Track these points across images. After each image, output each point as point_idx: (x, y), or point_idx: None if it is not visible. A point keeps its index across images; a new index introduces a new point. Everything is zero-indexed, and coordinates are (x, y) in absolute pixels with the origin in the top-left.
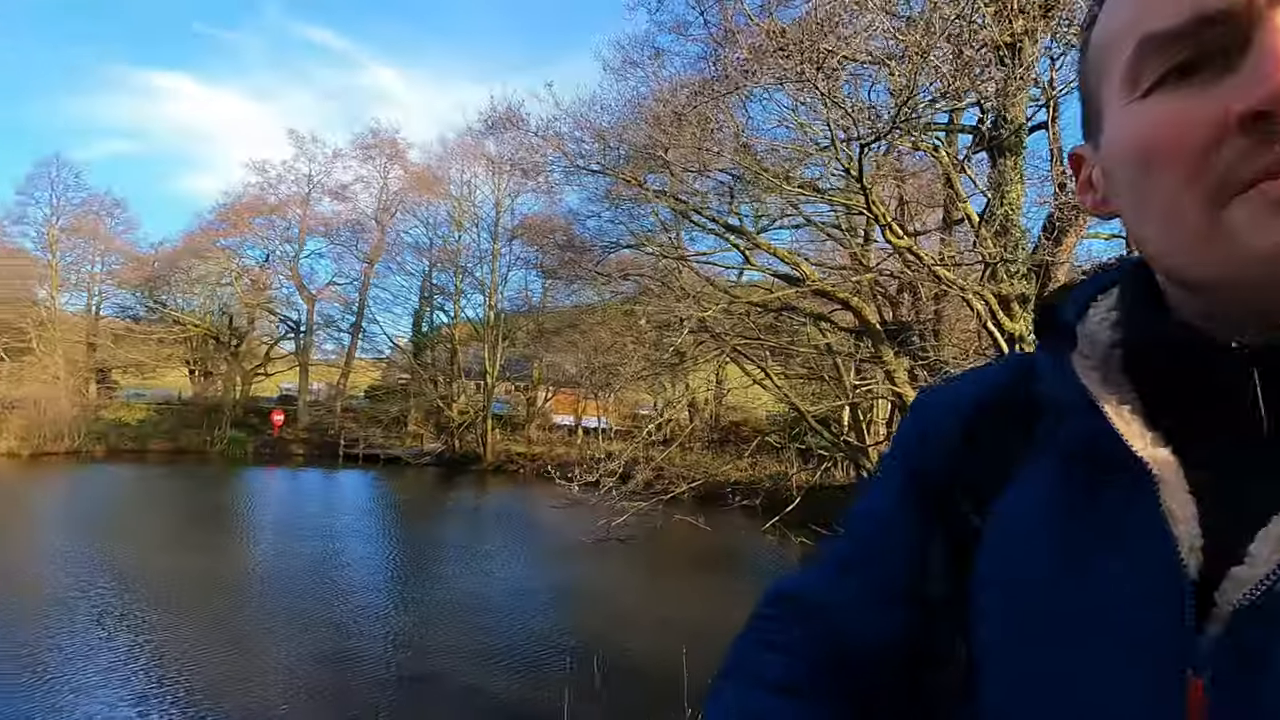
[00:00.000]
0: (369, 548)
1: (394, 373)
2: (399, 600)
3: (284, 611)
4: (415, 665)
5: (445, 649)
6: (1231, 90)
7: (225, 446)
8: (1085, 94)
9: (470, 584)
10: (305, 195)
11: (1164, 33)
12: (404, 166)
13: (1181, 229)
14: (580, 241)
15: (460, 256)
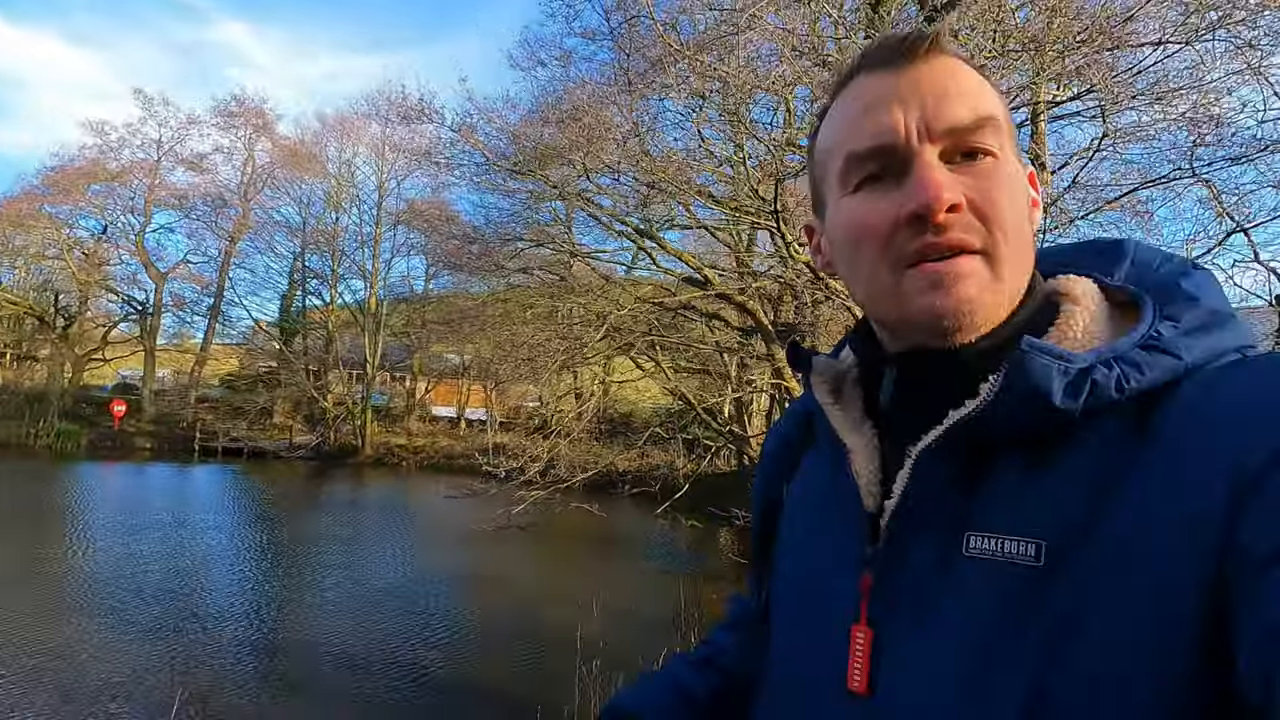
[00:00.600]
0: (231, 544)
1: (254, 360)
2: (267, 598)
3: (122, 617)
4: (286, 665)
5: (320, 644)
6: (901, 197)
7: (54, 440)
8: (813, 184)
9: (354, 577)
10: (155, 163)
11: (859, 152)
12: (273, 139)
13: (878, 287)
14: (478, 234)
15: (338, 239)
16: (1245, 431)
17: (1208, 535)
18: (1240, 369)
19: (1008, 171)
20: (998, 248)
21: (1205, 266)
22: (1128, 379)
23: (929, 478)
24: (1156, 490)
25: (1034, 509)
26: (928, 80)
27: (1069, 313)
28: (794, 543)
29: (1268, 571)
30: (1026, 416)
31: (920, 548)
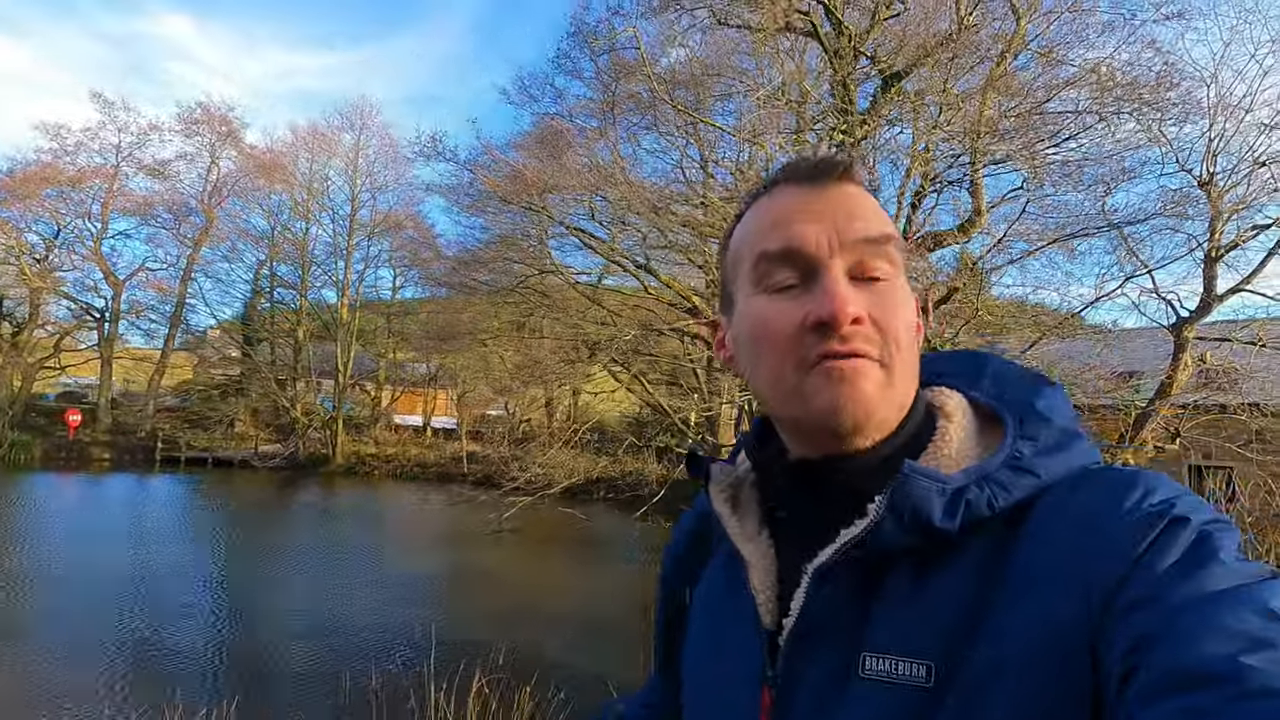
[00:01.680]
0: (205, 554)
1: (215, 369)
2: (258, 609)
3: (107, 624)
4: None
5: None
6: (808, 304)
7: (7, 450)
8: (723, 282)
9: (349, 583)
10: (114, 168)
11: (771, 253)
12: (239, 148)
13: (781, 385)
14: (472, 256)
15: (308, 248)
16: (1084, 545)
17: (1070, 641)
18: (1084, 488)
19: (901, 294)
20: (893, 358)
21: (1055, 383)
22: (996, 498)
23: (824, 597)
24: (1022, 602)
25: (922, 630)
26: (839, 200)
27: (944, 429)
28: (696, 655)
29: (1123, 698)
30: (910, 535)
31: (818, 667)
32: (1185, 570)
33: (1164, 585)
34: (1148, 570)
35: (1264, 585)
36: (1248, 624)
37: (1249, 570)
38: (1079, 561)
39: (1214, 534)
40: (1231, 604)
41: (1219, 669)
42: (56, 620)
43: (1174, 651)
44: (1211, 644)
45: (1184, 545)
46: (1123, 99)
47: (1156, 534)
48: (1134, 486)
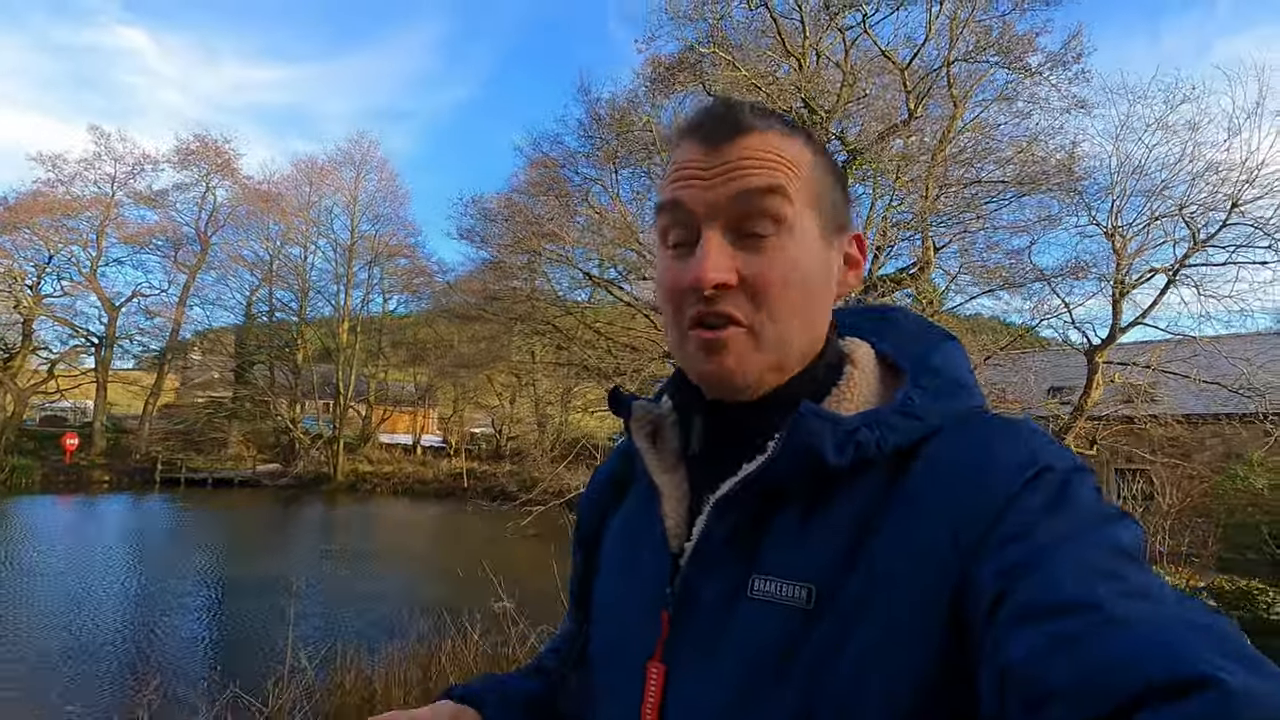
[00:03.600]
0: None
1: (190, 392)
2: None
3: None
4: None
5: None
6: (689, 267)
7: (8, 475)
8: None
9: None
10: (110, 198)
11: (660, 208)
12: (235, 178)
13: (673, 342)
14: (494, 291)
15: (307, 274)
16: (962, 484)
17: (941, 568)
18: (962, 431)
19: (787, 249)
20: (763, 325)
21: (954, 338)
22: (885, 440)
23: (723, 524)
24: (901, 532)
25: (808, 555)
26: (729, 155)
27: (849, 375)
28: (608, 578)
29: (994, 619)
30: (804, 470)
31: (711, 588)
32: (1052, 510)
33: (1034, 523)
34: (1020, 510)
35: (1116, 524)
36: (1102, 559)
37: (1105, 511)
38: (955, 499)
39: (1075, 479)
40: (1089, 542)
41: (1081, 598)
42: (102, 638)
43: (1043, 582)
44: (1074, 576)
45: (1051, 488)
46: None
47: (1028, 478)
48: (1009, 434)
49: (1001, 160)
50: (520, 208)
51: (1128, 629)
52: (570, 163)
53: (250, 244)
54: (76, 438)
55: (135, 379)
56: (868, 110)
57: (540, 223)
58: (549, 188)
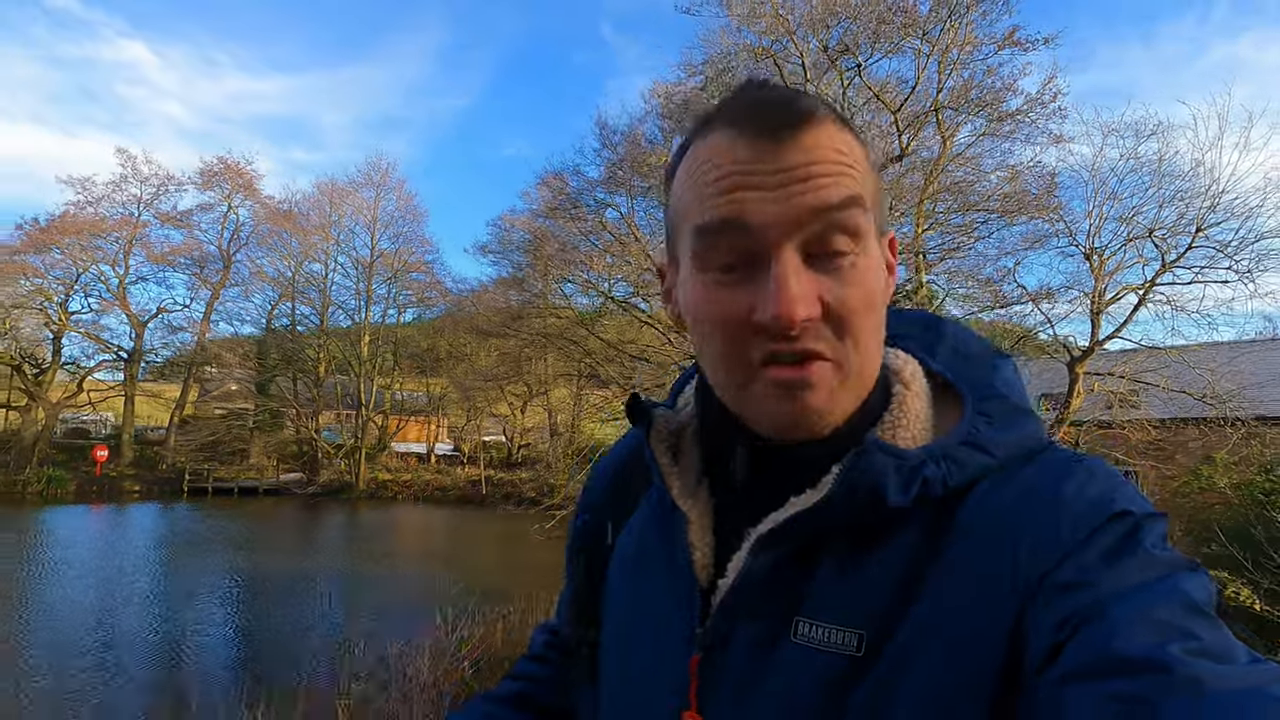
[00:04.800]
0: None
1: (209, 404)
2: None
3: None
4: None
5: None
6: (755, 298)
7: (44, 486)
8: (669, 224)
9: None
10: (136, 218)
11: (710, 227)
12: (256, 198)
13: (726, 377)
14: (517, 310)
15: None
16: (1025, 526)
17: (998, 614)
18: (1028, 468)
19: (867, 269)
20: (849, 357)
21: (1009, 356)
22: (950, 476)
23: (765, 562)
24: (960, 575)
25: (858, 600)
26: (797, 160)
27: (901, 398)
28: (623, 603)
29: (1050, 673)
30: (862, 510)
31: (750, 630)
32: (1117, 559)
33: (1096, 572)
34: (1082, 557)
35: (1185, 576)
36: (1172, 615)
37: (1173, 561)
38: (1015, 543)
39: (1144, 525)
40: (1158, 594)
41: (1149, 656)
42: (181, 639)
43: (1104, 636)
44: (1141, 632)
45: (1118, 535)
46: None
47: (1098, 523)
48: (1075, 473)
49: (984, 195)
50: (544, 231)
51: (1200, 697)
52: (588, 190)
53: (273, 261)
54: (106, 449)
55: (159, 391)
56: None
57: (570, 250)
58: (567, 212)
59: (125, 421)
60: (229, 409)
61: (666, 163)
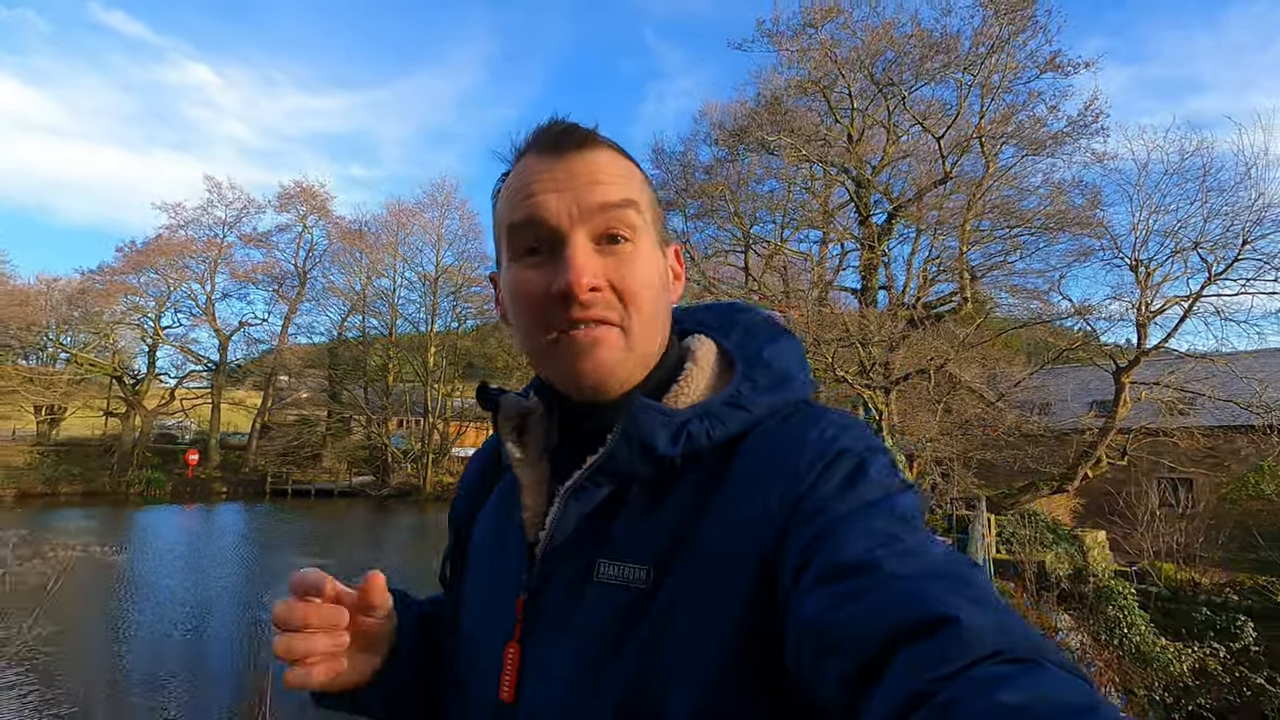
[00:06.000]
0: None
1: (282, 411)
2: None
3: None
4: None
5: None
6: (552, 273)
7: (144, 487)
8: (495, 240)
9: None
10: (221, 239)
11: (517, 224)
12: (330, 219)
13: (534, 348)
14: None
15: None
16: (775, 471)
17: (755, 548)
18: (785, 422)
19: (643, 256)
20: (631, 322)
21: (790, 333)
22: (713, 430)
23: (571, 513)
24: (727, 514)
25: (647, 539)
26: (580, 169)
27: (689, 372)
28: (475, 563)
29: (795, 588)
30: (640, 461)
31: (562, 574)
32: (846, 487)
33: (829, 500)
34: (819, 488)
35: (898, 496)
36: (886, 524)
37: (888, 484)
38: (769, 484)
39: (869, 458)
40: (875, 512)
41: (862, 560)
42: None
43: (832, 550)
44: (859, 542)
45: (846, 468)
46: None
47: (828, 460)
48: (817, 422)
49: (1028, 214)
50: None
51: (897, 582)
52: None
53: (345, 276)
54: (197, 453)
55: (241, 399)
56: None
57: None
58: None
59: (212, 427)
60: (303, 416)
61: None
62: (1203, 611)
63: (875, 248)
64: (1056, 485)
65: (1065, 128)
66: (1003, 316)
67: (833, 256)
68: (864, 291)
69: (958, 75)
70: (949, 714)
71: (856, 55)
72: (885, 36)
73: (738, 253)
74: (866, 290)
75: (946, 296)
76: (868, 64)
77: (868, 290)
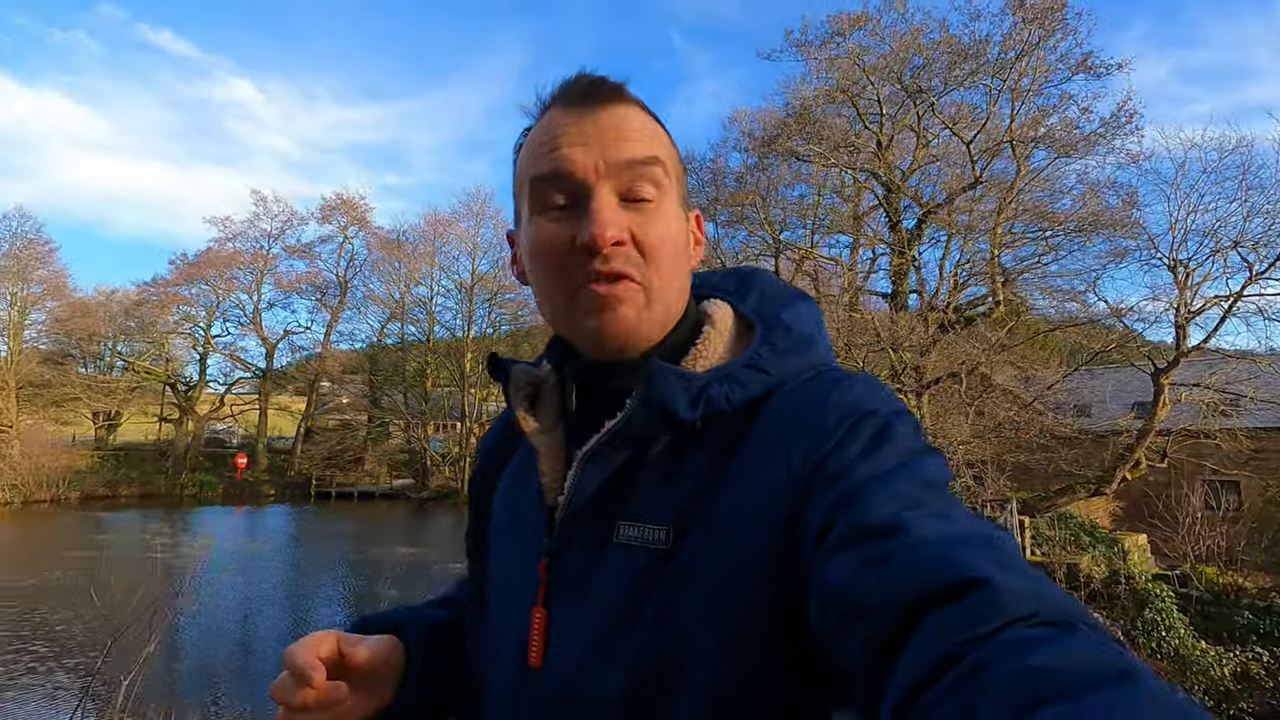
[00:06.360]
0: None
1: (324, 416)
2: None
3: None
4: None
5: None
6: (576, 227)
7: (197, 489)
8: (515, 197)
9: None
10: (267, 251)
11: (542, 176)
12: (369, 230)
13: (556, 302)
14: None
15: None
16: (797, 432)
17: (776, 510)
18: (805, 385)
19: (667, 214)
20: (652, 280)
21: (809, 298)
22: (732, 393)
23: (590, 477)
24: (748, 476)
25: (667, 501)
26: (608, 123)
27: (707, 335)
28: (497, 533)
29: (819, 551)
30: (660, 424)
31: (583, 537)
32: (871, 450)
33: (854, 462)
34: (842, 451)
35: (923, 460)
36: (910, 488)
37: (914, 448)
38: (793, 443)
39: (893, 421)
40: (900, 475)
41: (889, 523)
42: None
43: (857, 512)
44: (885, 505)
45: (872, 430)
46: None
47: (852, 422)
48: (841, 384)
49: (1061, 216)
50: None
51: (925, 546)
52: None
53: (384, 285)
54: (245, 457)
55: (286, 405)
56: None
57: None
58: None
59: (260, 432)
60: (344, 420)
61: (517, 143)
62: (1245, 615)
63: (905, 253)
64: (1094, 488)
65: (1099, 129)
66: (1037, 318)
67: (863, 261)
68: (895, 296)
69: (987, 81)
70: (979, 676)
71: (885, 62)
72: (913, 43)
73: (768, 257)
74: (897, 295)
75: (978, 300)
76: (896, 71)
77: (899, 295)
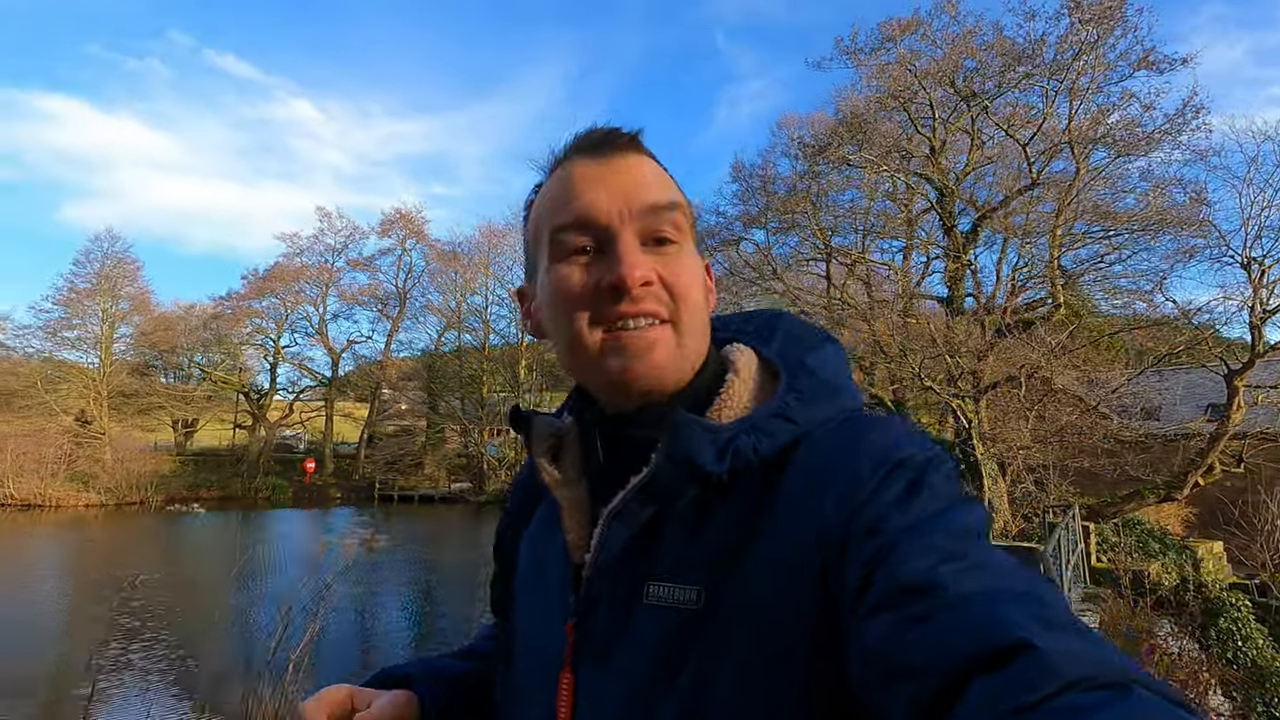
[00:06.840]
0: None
1: (383, 422)
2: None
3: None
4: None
5: None
6: (603, 269)
7: (269, 492)
8: (527, 250)
9: None
10: (331, 265)
11: (566, 225)
12: (427, 242)
13: (579, 349)
14: None
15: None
16: (828, 484)
17: (811, 559)
18: (837, 432)
19: (689, 258)
20: (681, 318)
21: (835, 340)
22: (760, 444)
23: (616, 535)
24: (780, 529)
25: (695, 559)
26: (626, 170)
27: (730, 383)
28: (522, 586)
29: (857, 610)
30: (685, 478)
31: (611, 596)
32: (905, 500)
33: (889, 512)
34: (879, 498)
35: (960, 508)
36: (947, 540)
37: (952, 495)
38: (825, 493)
39: (928, 468)
40: (937, 525)
41: (926, 580)
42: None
43: (895, 567)
44: (922, 559)
45: (906, 479)
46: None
47: (886, 470)
48: (872, 432)
49: (1125, 215)
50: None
51: (965, 605)
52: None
53: (441, 295)
54: (314, 462)
55: (350, 411)
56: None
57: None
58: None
59: (326, 438)
60: (404, 426)
61: (528, 199)
62: None
63: (961, 256)
64: (1164, 494)
65: (1163, 125)
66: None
67: (917, 265)
68: (950, 300)
69: (1043, 83)
70: None
71: (937, 67)
72: (965, 46)
73: (819, 262)
74: (953, 299)
75: (1037, 302)
76: (949, 74)
77: (954, 299)
